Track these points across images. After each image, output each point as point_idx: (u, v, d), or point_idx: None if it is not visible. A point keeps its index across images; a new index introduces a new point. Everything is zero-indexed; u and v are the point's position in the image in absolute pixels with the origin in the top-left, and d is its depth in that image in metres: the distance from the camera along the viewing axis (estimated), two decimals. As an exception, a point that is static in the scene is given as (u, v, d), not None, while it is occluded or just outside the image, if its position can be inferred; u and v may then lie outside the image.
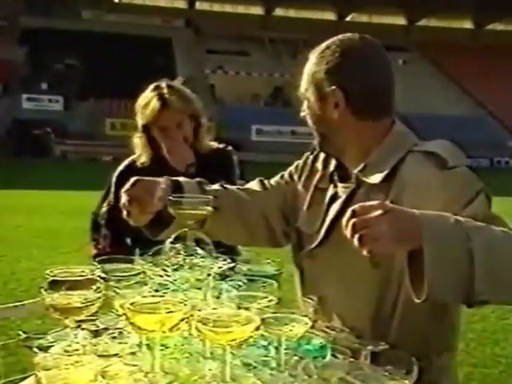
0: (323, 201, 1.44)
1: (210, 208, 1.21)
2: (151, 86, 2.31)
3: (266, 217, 1.55)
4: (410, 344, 1.21)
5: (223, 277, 1.16)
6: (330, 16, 49.40)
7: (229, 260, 1.14)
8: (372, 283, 1.30)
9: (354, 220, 1.02)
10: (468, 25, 52.58)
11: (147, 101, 2.27)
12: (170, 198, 1.20)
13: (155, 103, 2.25)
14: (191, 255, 1.14)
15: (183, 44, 43.81)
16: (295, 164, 1.62)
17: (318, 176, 1.50)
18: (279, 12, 49.67)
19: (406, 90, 39.59)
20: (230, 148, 2.39)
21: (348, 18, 49.26)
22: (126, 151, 2.55)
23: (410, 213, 1.06)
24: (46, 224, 9.42)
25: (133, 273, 1.12)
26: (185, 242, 1.17)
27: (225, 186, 1.56)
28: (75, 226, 9.25)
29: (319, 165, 1.52)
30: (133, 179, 1.34)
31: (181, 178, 1.46)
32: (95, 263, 1.14)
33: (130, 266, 1.15)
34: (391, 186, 1.29)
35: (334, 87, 1.33)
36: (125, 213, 1.32)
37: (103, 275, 1.08)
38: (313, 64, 1.36)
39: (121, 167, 2.41)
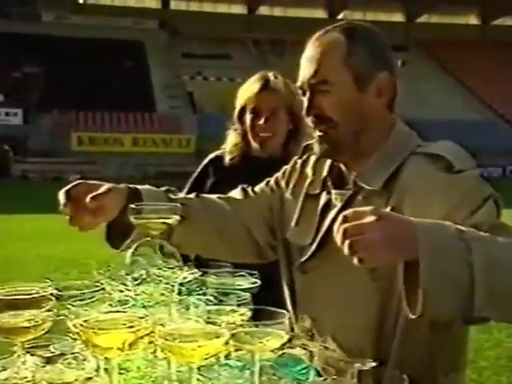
0: (315, 209, 1.45)
1: (176, 217, 1.21)
2: (256, 75, 2.41)
3: (248, 228, 1.57)
4: (414, 363, 1.25)
5: (191, 291, 1.17)
6: (321, 14, 50.00)
7: (195, 270, 1.15)
8: (372, 298, 1.32)
9: (344, 226, 1.04)
10: (473, 20, 53.43)
11: (250, 84, 2.36)
12: (132, 206, 1.20)
13: (256, 84, 2.34)
14: (155, 267, 1.14)
15: (157, 48, 44.02)
16: (282, 170, 1.65)
17: (308, 182, 1.52)
18: (264, 11, 50.21)
19: (407, 93, 40.04)
20: None
21: (340, 16, 49.82)
22: (95, 168, 2.56)
23: (405, 220, 1.09)
24: (3, 252, 9.33)
25: (91, 290, 1.12)
26: (148, 253, 1.17)
27: (200, 194, 1.57)
28: (38, 254, 9.20)
29: (309, 170, 1.54)
30: (76, 181, 1.36)
31: (144, 186, 1.45)
32: (47, 280, 1.14)
33: (86, 281, 1.15)
34: (392, 191, 1.32)
35: (382, 72, 1.36)
36: (67, 217, 1.32)
37: (56, 293, 1.08)
38: (339, 48, 1.36)
39: (205, 161, 2.46)
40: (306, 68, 1.39)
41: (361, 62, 1.35)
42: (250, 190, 1.64)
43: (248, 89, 2.35)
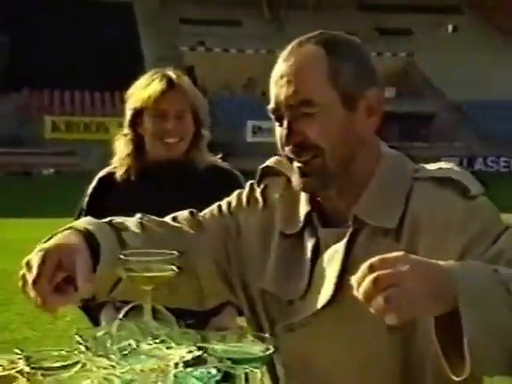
0: (299, 253, 1.47)
1: (174, 268, 1.26)
2: (149, 73, 2.53)
3: (195, 273, 1.56)
4: None
5: (189, 364, 1.19)
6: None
7: (194, 349, 1.17)
8: (390, 353, 1.38)
9: (374, 275, 1.06)
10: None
11: (147, 82, 2.48)
12: (121, 256, 1.25)
13: (158, 83, 2.45)
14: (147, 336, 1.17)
15: (148, 11, 44.03)
16: (236, 194, 1.65)
17: (278, 217, 1.54)
18: (281, -36, 50.08)
19: (458, 67, 39.81)
20: (237, 173, 2.57)
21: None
22: (74, 161, 2.65)
23: (438, 265, 1.13)
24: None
25: (70, 362, 1.15)
26: (138, 318, 1.20)
27: (144, 222, 1.56)
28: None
29: (277, 202, 1.56)
30: (39, 254, 1.29)
31: (93, 226, 1.43)
32: (18, 351, 1.17)
33: (63, 352, 1.17)
34: (401, 225, 1.39)
35: (371, 89, 1.43)
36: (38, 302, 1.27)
37: (27, 369, 1.10)
38: (321, 63, 1.41)
39: (94, 183, 2.54)
40: (280, 88, 1.41)
41: (348, 78, 1.41)
42: (201, 217, 1.63)
43: (146, 89, 2.45)
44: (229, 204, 1.64)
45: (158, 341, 1.17)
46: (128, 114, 2.51)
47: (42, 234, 1.49)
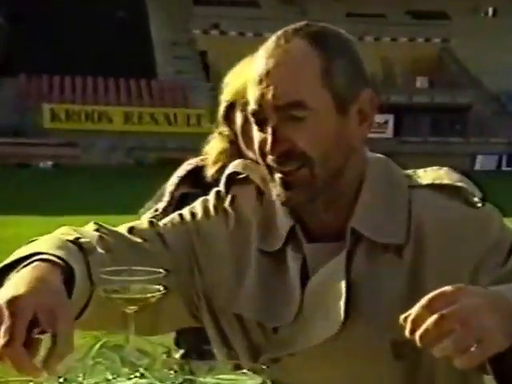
0: (284, 272, 1.42)
1: (161, 287, 1.24)
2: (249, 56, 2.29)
3: None
4: None
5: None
6: None
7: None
8: (396, 378, 1.36)
9: (437, 316, 1.03)
10: None
11: (241, 70, 2.29)
12: (103, 275, 1.22)
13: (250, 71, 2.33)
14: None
15: (159, -10, 44.29)
16: (200, 203, 1.58)
17: (253, 232, 1.48)
18: None
19: (497, 55, 39.66)
20: None
21: None
22: (75, 153, 2.56)
23: (501, 295, 1.12)
24: None
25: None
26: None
27: (105, 237, 1.48)
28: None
29: (248, 213, 1.50)
30: (10, 307, 1.16)
31: (62, 252, 1.32)
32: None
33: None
34: (421, 242, 1.37)
35: (365, 90, 1.39)
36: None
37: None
38: (311, 61, 1.36)
39: (179, 172, 2.44)
40: (266, 87, 1.36)
41: (340, 78, 1.36)
42: (161, 230, 1.54)
43: (240, 78, 2.27)
44: (192, 215, 1.56)
45: (137, 374, 1.14)
46: (221, 107, 2.36)
47: (33, 232, 1.46)
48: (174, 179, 2.43)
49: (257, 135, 1.40)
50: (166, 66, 39.85)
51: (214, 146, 2.38)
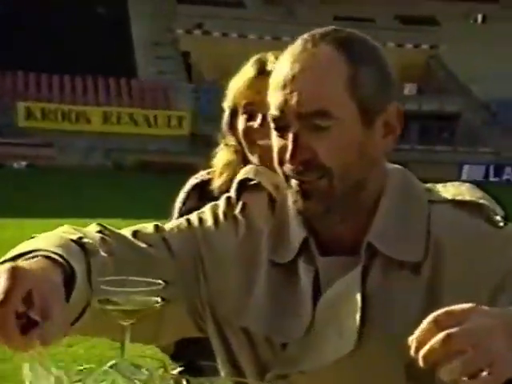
0: (295, 285, 1.41)
1: (158, 299, 1.23)
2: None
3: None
4: None
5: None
6: None
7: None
8: None
9: (445, 334, 1.00)
10: None
11: (242, 74, 2.33)
12: (102, 286, 1.21)
13: (249, 70, 2.31)
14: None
15: (141, -12, 44.14)
16: (210, 209, 1.58)
17: (264, 242, 1.47)
18: None
19: (487, 62, 39.81)
20: None
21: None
22: (51, 153, 2.44)
23: (506, 314, 1.09)
24: None
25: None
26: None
27: (108, 240, 1.47)
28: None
29: (260, 222, 1.50)
30: (7, 271, 1.16)
31: (63, 250, 1.31)
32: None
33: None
34: (440, 261, 1.36)
35: (392, 103, 1.38)
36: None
37: None
38: (339, 69, 1.35)
39: (186, 188, 2.44)
40: (290, 93, 1.34)
41: (367, 88, 1.35)
42: (167, 235, 1.53)
43: (239, 80, 2.31)
44: (200, 220, 1.55)
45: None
46: (225, 115, 2.36)
47: (5, 234, 1.43)
48: (181, 195, 2.48)
49: (276, 141, 1.39)
50: (147, 65, 39.91)
51: (220, 157, 2.36)
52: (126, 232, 1.52)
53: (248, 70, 2.28)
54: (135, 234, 1.51)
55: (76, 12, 39.79)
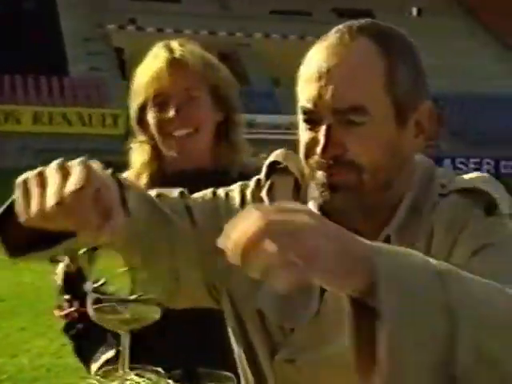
0: None
1: (158, 309, 1.29)
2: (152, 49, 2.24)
3: (176, 269, 1.50)
4: None
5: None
6: None
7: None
8: None
9: (262, 221, 0.97)
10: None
11: (145, 65, 2.22)
12: (98, 296, 1.26)
13: (153, 61, 2.20)
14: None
15: (70, -18, 43.55)
16: (239, 187, 1.58)
17: None
18: None
19: (422, 54, 39.61)
20: None
21: None
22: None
23: (353, 234, 1.06)
24: None
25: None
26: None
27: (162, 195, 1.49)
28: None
29: (283, 202, 1.46)
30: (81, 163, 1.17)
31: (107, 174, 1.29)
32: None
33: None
34: (429, 244, 1.37)
35: (425, 102, 1.39)
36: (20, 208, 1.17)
37: None
38: (377, 64, 1.33)
39: None
40: (324, 86, 1.32)
41: (403, 85, 1.35)
42: (191, 204, 1.54)
43: (146, 72, 2.20)
44: (227, 195, 1.57)
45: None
46: (132, 111, 2.27)
47: None
48: None
49: (305, 134, 1.38)
50: (78, 62, 39.35)
51: (136, 158, 2.32)
52: (151, 192, 1.53)
53: (155, 60, 2.19)
54: (159, 195, 1.53)
55: (3, 8, 39.13)
